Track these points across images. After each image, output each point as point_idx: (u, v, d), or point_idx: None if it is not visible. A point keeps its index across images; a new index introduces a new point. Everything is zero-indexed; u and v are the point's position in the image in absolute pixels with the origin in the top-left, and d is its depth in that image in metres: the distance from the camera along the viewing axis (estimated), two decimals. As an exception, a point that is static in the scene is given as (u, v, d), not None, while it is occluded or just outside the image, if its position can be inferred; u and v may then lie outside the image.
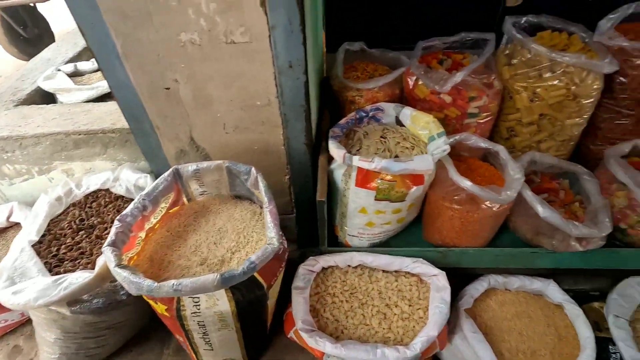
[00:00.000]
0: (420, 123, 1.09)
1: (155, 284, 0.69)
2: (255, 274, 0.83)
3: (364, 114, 1.20)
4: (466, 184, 0.96)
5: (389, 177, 0.98)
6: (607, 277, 1.26)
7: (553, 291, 1.20)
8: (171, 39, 0.84)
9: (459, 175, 0.98)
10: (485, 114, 1.17)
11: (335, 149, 1.02)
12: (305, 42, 0.86)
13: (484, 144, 1.14)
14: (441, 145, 0.98)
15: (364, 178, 1.00)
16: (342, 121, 1.16)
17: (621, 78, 1.14)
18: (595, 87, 1.10)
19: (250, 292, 0.83)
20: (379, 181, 0.99)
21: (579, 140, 1.29)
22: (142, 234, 0.92)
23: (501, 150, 1.12)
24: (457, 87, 1.13)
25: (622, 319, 1.14)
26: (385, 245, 1.19)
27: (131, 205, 0.85)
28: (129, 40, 0.84)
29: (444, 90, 1.09)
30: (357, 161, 0.96)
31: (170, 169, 0.93)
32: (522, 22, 1.28)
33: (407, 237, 1.24)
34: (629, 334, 1.11)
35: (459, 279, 1.22)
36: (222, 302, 0.80)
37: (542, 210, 1.03)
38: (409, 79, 1.19)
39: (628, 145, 1.20)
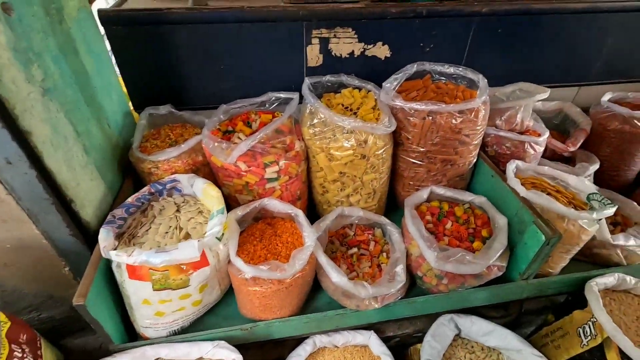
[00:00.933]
0: (208, 197, 1.04)
1: None
2: None
3: (160, 187, 1.11)
4: (239, 264, 0.92)
5: (160, 267, 0.90)
6: (428, 317, 1.32)
7: (374, 343, 1.20)
8: None
9: (235, 256, 0.94)
10: (286, 176, 1.17)
11: (101, 240, 0.91)
12: (21, 137, 0.76)
13: (283, 208, 1.13)
14: (216, 226, 0.93)
15: (134, 270, 0.90)
16: (131, 199, 1.06)
17: (405, 134, 1.24)
18: (379, 146, 1.16)
19: None
20: (150, 272, 0.90)
21: (387, 189, 1.37)
22: None
23: (299, 214, 1.12)
24: (252, 153, 1.11)
25: (433, 361, 1.19)
26: (196, 326, 1.10)
27: None
28: None
29: (229, 162, 1.06)
30: (114, 256, 0.86)
31: None
32: (325, 81, 1.34)
33: (226, 311, 1.16)
34: (438, 375, 1.16)
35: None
36: None
37: (334, 275, 1.03)
38: (205, 147, 1.15)
39: (426, 192, 1.29)
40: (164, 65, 1.26)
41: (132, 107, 1.35)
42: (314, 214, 1.42)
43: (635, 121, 1.45)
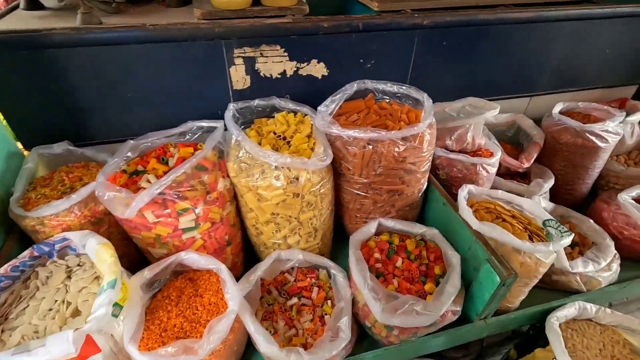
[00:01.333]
0: (101, 261, 0.85)
1: None
2: None
3: (47, 249, 0.91)
4: (133, 353, 0.74)
5: (27, 366, 0.70)
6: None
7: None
8: None
9: (128, 343, 0.75)
10: (207, 223, 1.00)
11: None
12: None
13: (203, 262, 0.96)
14: (102, 306, 0.74)
15: (-8, 374, 0.70)
16: (3, 269, 0.85)
17: (346, 164, 1.10)
18: (314, 182, 1.01)
19: None
20: (15, 374, 0.70)
21: (332, 224, 1.23)
22: None
23: (221, 269, 0.95)
24: (162, 200, 0.92)
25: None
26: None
27: None
28: None
29: (128, 217, 0.87)
30: (-46, 364, 0.65)
31: None
32: (255, 105, 1.17)
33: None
34: None
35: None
36: None
37: (262, 345, 0.87)
38: (100, 198, 0.95)
39: (373, 225, 1.15)
40: (55, 95, 1.05)
41: (22, 147, 1.12)
42: (252, 253, 1.25)
43: (587, 134, 1.39)
